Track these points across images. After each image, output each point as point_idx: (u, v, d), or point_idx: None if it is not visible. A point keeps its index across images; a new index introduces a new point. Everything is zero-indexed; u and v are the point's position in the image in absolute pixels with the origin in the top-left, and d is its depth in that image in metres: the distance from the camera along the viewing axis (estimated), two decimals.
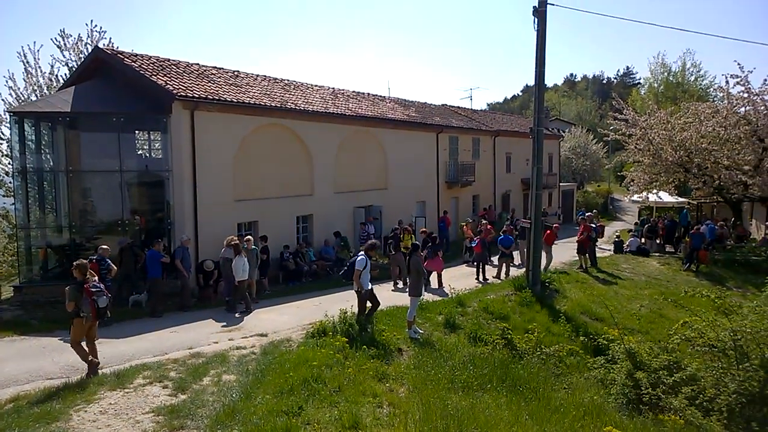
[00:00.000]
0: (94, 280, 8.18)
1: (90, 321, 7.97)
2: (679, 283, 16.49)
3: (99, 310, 7.94)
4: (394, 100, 26.72)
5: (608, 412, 7.36)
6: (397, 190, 22.58)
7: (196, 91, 14.89)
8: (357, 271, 9.65)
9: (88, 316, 7.90)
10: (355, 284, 9.78)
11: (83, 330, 8.02)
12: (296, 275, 16.59)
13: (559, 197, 38.24)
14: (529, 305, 12.78)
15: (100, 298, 7.94)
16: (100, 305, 7.93)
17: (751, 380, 7.59)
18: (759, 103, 20.73)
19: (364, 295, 9.84)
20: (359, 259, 9.81)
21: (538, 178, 14.01)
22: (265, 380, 7.34)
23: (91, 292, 7.88)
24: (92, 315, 7.92)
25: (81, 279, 7.99)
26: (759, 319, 8.39)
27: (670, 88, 53.82)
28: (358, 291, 9.83)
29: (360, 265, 9.66)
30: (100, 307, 7.94)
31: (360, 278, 9.64)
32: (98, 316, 8.03)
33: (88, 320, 7.93)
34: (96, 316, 7.99)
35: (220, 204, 15.40)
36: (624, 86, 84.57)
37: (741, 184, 21.35)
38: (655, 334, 11.65)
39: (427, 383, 7.53)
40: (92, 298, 7.86)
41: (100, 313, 8.00)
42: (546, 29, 13.47)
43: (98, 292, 7.96)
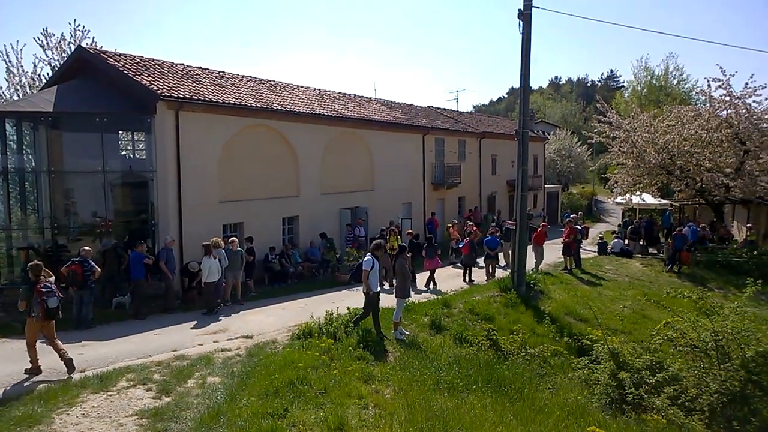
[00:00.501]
0: (48, 281, 8.28)
1: (40, 321, 8.07)
2: (662, 284, 16.69)
3: (49, 310, 8.06)
4: (381, 102, 26.74)
5: (592, 412, 7.44)
6: (383, 192, 22.60)
7: (180, 91, 14.78)
8: (365, 272, 9.54)
9: (38, 316, 8.03)
10: (363, 285, 9.68)
11: (35, 330, 8.15)
12: (282, 277, 16.52)
13: (544, 199, 38.54)
14: (515, 306, 12.86)
15: (50, 299, 8.07)
16: (50, 305, 8.05)
17: (732, 380, 7.72)
18: (740, 107, 21.07)
19: (372, 296, 9.71)
20: (366, 259, 9.69)
21: (523, 179, 14.10)
22: (250, 382, 7.31)
23: (41, 292, 8.02)
24: (42, 315, 8.03)
25: (34, 279, 8.13)
26: (740, 320, 8.54)
27: (653, 92, 54.58)
28: (366, 292, 9.68)
29: (367, 266, 9.54)
30: (50, 308, 8.06)
31: (368, 279, 9.53)
32: (48, 316, 8.12)
33: (38, 320, 8.05)
34: (45, 316, 8.08)
35: (205, 205, 15.29)
36: (608, 89, 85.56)
37: (723, 187, 21.68)
38: (638, 334, 11.78)
39: (413, 384, 7.55)
40: (42, 299, 7.99)
41: (50, 314, 8.11)
42: (531, 32, 13.57)
43: (48, 292, 8.08)
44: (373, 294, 9.66)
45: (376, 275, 9.74)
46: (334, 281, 16.72)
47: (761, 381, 7.76)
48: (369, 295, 9.65)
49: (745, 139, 20.86)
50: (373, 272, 9.58)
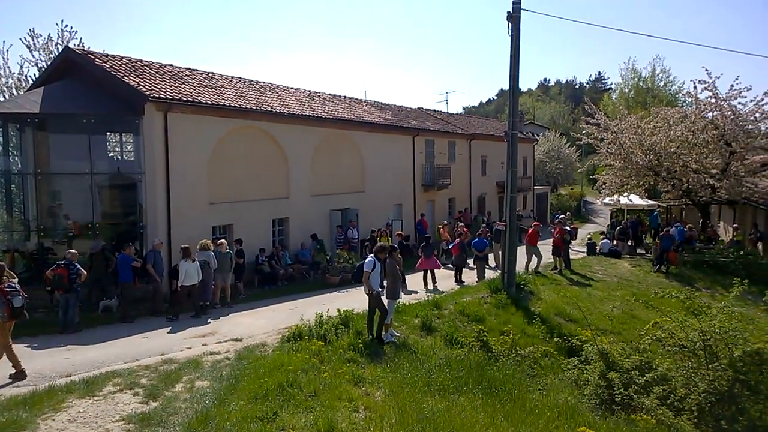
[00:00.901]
0: (12, 281, 8.37)
1: (6, 321, 8.14)
2: (650, 284, 16.81)
3: (14, 309, 8.13)
4: (371, 103, 26.74)
5: (582, 413, 7.45)
6: (373, 193, 22.59)
7: (169, 92, 14.68)
8: (365, 273, 9.51)
9: (3, 316, 8.07)
10: (365, 286, 9.66)
11: (5, 331, 8.19)
12: (272, 279, 16.44)
13: (533, 200, 38.74)
14: (505, 307, 12.88)
15: (15, 298, 8.16)
16: (15, 305, 8.13)
17: (720, 379, 7.76)
18: (726, 108, 21.29)
19: (375, 296, 9.70)
20: (368, 260, 9.69)
21: (512, 181, 14.14)
22: (240, 386, 7.25)
23: (5, 292, 8.08)
24: (7, 315, 8.08)
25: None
26: (727, 320, 8.58)
27: (641, 94, 55.14)
28: (369, 293, 9.67)
29: (368, 267, 9.52)
30: (15, 307, 8.14)
31: (369, 280, 9.50)
32: (13, 316, 8.19)
33: (4, 320, 8.09)
34: (11, 316, 8.15)
35: (194, 207, 15.19)
36: (596, 91, 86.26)
37: (709, 187, 21.89)
38: (627, 334, 11.84)
39: (404, 386, 7.52)
40: (7, 299, 8.05)
41: (15, 313, 8.18)
42: (520, 34, 13.62)
43: (13, 292, 8.18)
44: (376, 293, 9.66)
45: (377, 277, 9.73)
46: (324, 283, 16.67)
47: (748, 380, 7.81)
48: (372, 295, 9.64)
49: (731, 140, 21.09)
50: (374, 273, 9.57)
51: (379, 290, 9.74)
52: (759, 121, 21.36)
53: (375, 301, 9.69)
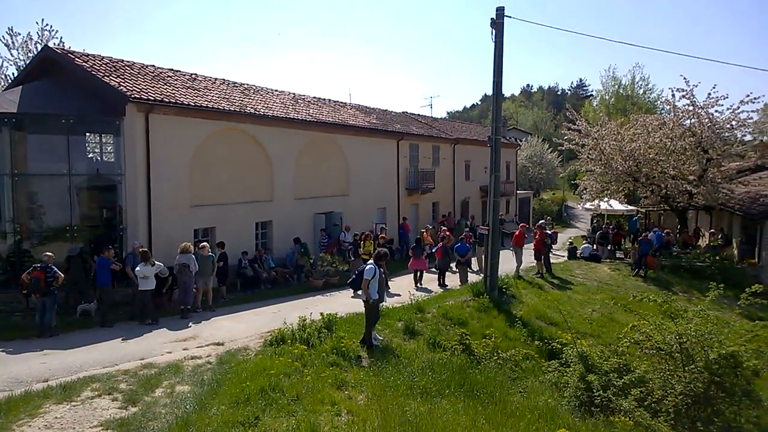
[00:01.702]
0: None
1: None
2: (629, 288, 17.07)
3: None
4: (356, 107, 26.77)
5: (562, 415, 7.54)
6: (357, 197, 22.59)
7: (151, 93, 14.55)
8: (366, 281, 9.45)
9: None
10: (363, 293, 9.62)
11: None
12: (255, 282, 16.34)
13: (516, 204, 39.09)
14: (487, 311, 12.97)
15: None
16: None
17: (696, 381, 7.88)
18: (703, 116, 21.70)
19: (372, 304, 9.64)
20: (368, 268, 9.60)
21: (495, 185, 14.27)
22: (221, 390, 7.20)
23: None
24: None
25: None
26: (703, 323, 8.74)
27: (621, 101, 56.05)
28: (366, 300, 9.60)
29: (369, 274, 9.45)
30: None
31: (368, 287, 9.47)
32: None
33: None
34: None
35: (176, 209, 15.05)
36: (577, 98, 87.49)
37: (686, 193, 22.26)
38: (606, 337, 12.01)
39: (386, 390, 7.53)
40: None
41: None
42: (503, 41, 13.77)
43: None
44: (374, 301, 9.63)
45: (376, 284, 9.71)
46: (307, 287, 16.62)
47: (724, 382, 7.95)
48: (369, 303, 9.59)
49: (708, 147, 21.50)
50: (374, 281, 9.54)
51: (376, 298, 9.73)
52: (735, 128, 21.81)
53: (371, 308, 9.66)
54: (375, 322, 9.85)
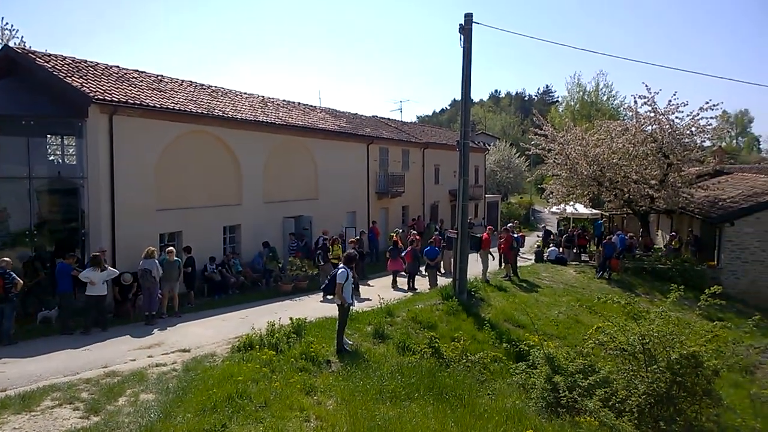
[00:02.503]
0: None
1: None
2: (594, 290, 17.44)
3: None
4: (325, 110, 26.69)
5: (529, 416, 7.64)
6: (327, 201, 22.50)
7: (115, 94, 14.20)
8: (339, 285, 9.34)
9: None
10: (337, 298, 9.52)
11: None
12: (222, 287, 16.08)
13: (484, 208, 39.52)
14: (456, 314, 13.06)
15: None
16: None
17: (658, 381, 8.07)
18: (664, 122, 22.41)
19: (346, 309, 9.57)
20: (340, 272, 9.47)
21: (464, 189, 14.40)
22: (187, 398, 7.05)
23: None
24: None
25: None
26: (664, 324, 8.97)
27: (585, 107, 57.44)
28: (341, 305, 9.51)
29: (341, 278, 9.34)
30: None
31: (342, 292, 9.38)
32: None
33: None
34: None
35: (141, 213, 14.71)
36: (544, 103, 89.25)
37: (648, 197, 22.91)
38: (572, 339, 12.22)
39: (355, 395, 7.51)
40: None
41: None
42: (471, 47, 13.93)
43: None
44: (348, 306, 9.56)
45: (350, 287, 9.64)
46: (277, 291, 16.46)
47: (685, 382, 8.14)
48: (344, 307, 9.51)
49: (669, 152, 22.20)
50: (347, 285, 9.48)
51: (351, 302, 9.66)
52: (694, 134, 22.58)
53: (345, 312, 9.60)
54: (339, 325, 9.80)
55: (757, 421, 8.68)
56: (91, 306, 11.63)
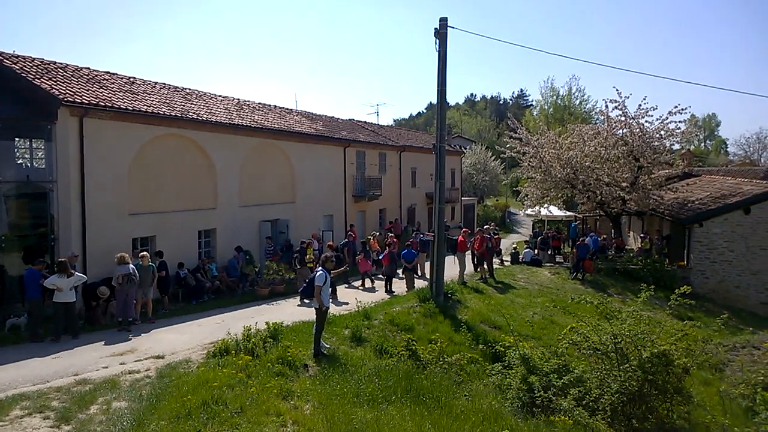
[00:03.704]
0: None
1: None
2: (568, 291, 17.69)
3: None
4: (302, 113, 26.60)
5: (505, 416, 7.73)
6: (304, 204, 22.41)
7: (85, 96, 13.93)
8: (317, 287, 9.29)
9: None
10: (315, 301, 9.46)
11: None
12: (198, 292, 15.87)
13: (461, 211, 39.80)
14: (433, 316, 13.12)
15: None
16: None
17: (630, 380, 8.25)
18: (634, 126, 22.89)
19: (324, 312, 9.52)
20: (318, 274, 9.42)
21: (441, 192, 14.48)
22: (161, 405, 6.94)
23: None
24: None
25: None
26: (636, 323, 9.18)
27: (559, 110, 58.36)
28: (319, 308, 9.45)
29: (320, 281, 9.30)
30: None
31: (321, 294, 9.34)
32: None
33: None
34: None
35: (113, 217, 14.46)
36: (518, 107, 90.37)
37: (620, 200, 23.35)
38: (547, 339, 12.37)
39: (333, 398, 7.50)
40: None
41: None
42: (447, 51, 14.05)
43: None
44: (326, 309, 9.53)
45: (328, 290, 9.60)
46: (253, 295, 16.31)
47: (656, 380, 8.34)
48: (322, 310, 9.47)
49: (639, 156, 22.68)
50: (325, 287, 9.44)
51: (329, 306, 9.63)
52: (664, 138, 23.10)
53: (323, 316, 9.56)
54: (316, 329, 9.78)
55: (726, 418, 8.92)
56: (60, 313, 11.35)
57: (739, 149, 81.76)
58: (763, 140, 79.27)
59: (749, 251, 20.76)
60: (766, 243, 20.62)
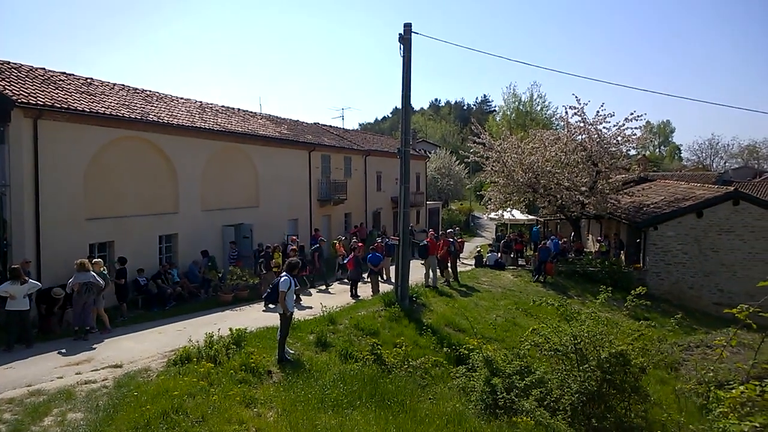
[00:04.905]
0: None
1: None
2: (530, 294, 18.01)
3: None
4: (266, 117, 26.36)
5: (468, 419, 7.81)
6: (268, 208, 22.18)
7: (40, 98, 13.48)
8: (282, 293, 9.19)
9: None
10: (280, 306, 9.34)
11: None
12: (159, 299, 15.49)
13: (426, 215, 40.10)
14: (398, 320, 13.16)
15: None
16: None
17: (590, 380, 8.43)
18: (593, 132, 23.55)
19: (288, 317, 9.42)
20: (283, 280, 9.33)
21: (405, 196, 14.58)
22: (118, 416, 6.76)
23: None
24: None
25: None
26: (594, 324, 9.39)
27: (521, 116, 59.56)
28: (282, 314, 9.34)
29: (284, 286, 9.21)
30: None
31: (285, 300, 9.23)
32: None
33: None
34: None
35: (69, 223, 14.00)
36: (482, 113, 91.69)
37: (579, 203, 23.96)
38: (510, 341, 12.55)
39: (297, 405, 7.44)
40: None
41: None
42: (411, 56, 14.17)
43: None
44: (290, 314, 9.45)
45: (293, 295, 9.52)
46: (216, 301, 16.04)
47: (614, 380, 8.55)
48: (286, 316, 9.38)
49: (597, 161, 23.35)
50: (290, 293, 9.37)
51: (293, 311, 9.56)
52: (621, 144, 23.83)
53: (287, 321, 9.48)
54: (281, 334, 9.71)
55: (681, 416, 9.22)
56: (13, 322, 10.90)
57: (692, 155, 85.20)
58: (715, 146, 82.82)
59: (702, 253, 21.59)
60: (717, 245, 21.48)
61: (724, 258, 21.42)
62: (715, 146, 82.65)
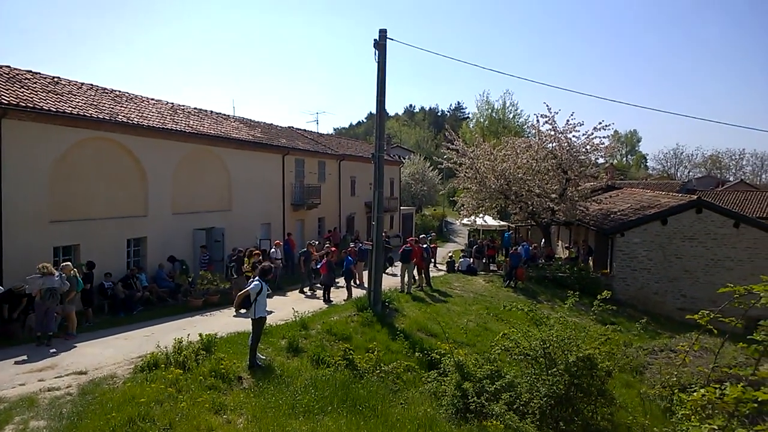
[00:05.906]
0: None
1: None
2: (501, 299, 18.24)
3: None
4: (239, 120, 26.09)
5: (439, 423, 7.86)
6: (241, 212, 21.94)
7: (4, 96, 13.08)
8: (252, 295, 9.12)
9: None
10: (251, 311, 9.24)
11: None
12: (126, 304, 15.15)
13: (400, 220, 40.22)
14: (371, 325, 13.16)
15: None
16: None
17: (558, 384, 8.58)
18: (563, 140, 24.04)
19: (259, 323, 9.33)
20: (254, 284, 9.28)
21: (379, 201, 14.62)
22: (82, 424, 6.58)
23: None
24: None
25: None
26: (563, 329, 9.56)
27: (494, 123, 60.29)
28: (254, 318, 9.26)
29: (254, 290, 9.15)
30: None
31: (255, 304, 9.14)
32: None
33: None
34: None
35: (32, 225, 13.61)
36: (455, 119, 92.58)
37: (549, 210, 24.38)
38: (481, 346, 12.67)
39: (267, 411, 7.37)
40: None
41: None
42: (386, 62, 14.26)
43: None
44: (260, 318, 9.37)
45: (264, 300, 9.45)
46: (186, 306, 15.76)
47: (582, 383, 8.72)
48: (257, 321, 9.31)
49: (567, 168, 23.83)
50: (261, 297, 9.29)
51: (265, 315, 9.50)
52: (589, 152, 24.39)
53: (259, 326, 9.41)
54: (252, 339, 9.62)
55: (646, 418, 9.45)
56: None
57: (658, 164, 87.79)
58: (680, 155, 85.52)
59: (666, 260, 22.19)
60: (681, 252, 22.12)
61: (687, 264, 22.06)
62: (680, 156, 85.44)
